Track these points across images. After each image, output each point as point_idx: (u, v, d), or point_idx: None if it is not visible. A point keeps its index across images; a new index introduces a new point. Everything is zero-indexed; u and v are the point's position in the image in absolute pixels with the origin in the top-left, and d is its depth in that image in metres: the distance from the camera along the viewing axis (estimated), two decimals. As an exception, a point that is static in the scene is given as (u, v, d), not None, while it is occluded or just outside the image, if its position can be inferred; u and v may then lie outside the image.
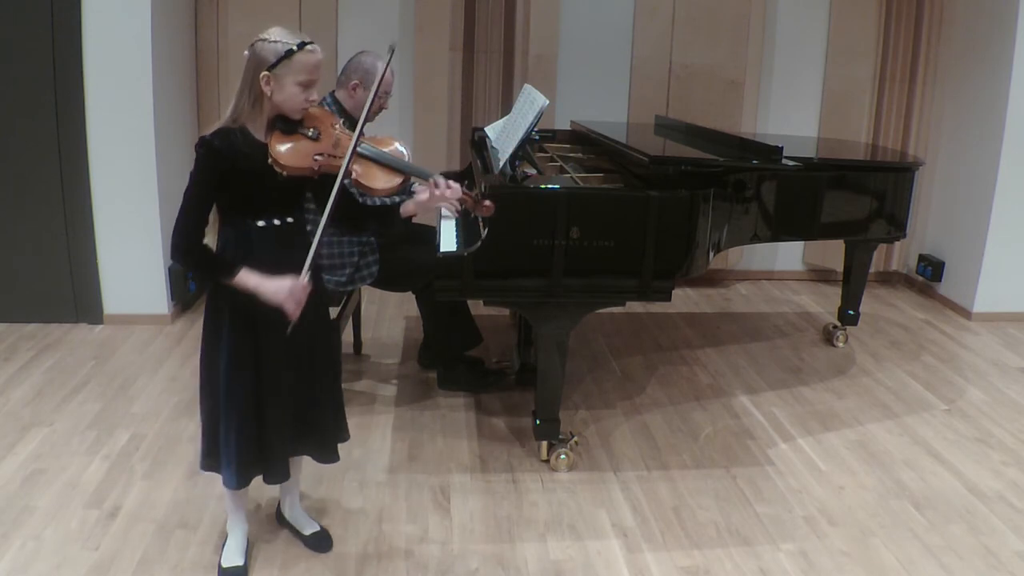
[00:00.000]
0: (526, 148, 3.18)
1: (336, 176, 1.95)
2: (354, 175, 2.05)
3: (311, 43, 1.94)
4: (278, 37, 1.92)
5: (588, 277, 2.57)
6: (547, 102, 2.86)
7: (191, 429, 2.90)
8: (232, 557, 2.16)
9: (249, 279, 1.91)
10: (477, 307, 3.13)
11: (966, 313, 4.50)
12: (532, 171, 3.10)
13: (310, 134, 1.99)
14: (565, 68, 4.70)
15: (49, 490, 2.51)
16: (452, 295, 2.57)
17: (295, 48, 1.90)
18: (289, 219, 2.02)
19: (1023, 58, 4.15)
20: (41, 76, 3.66)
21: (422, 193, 2.20)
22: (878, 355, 3.92)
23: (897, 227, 3.61)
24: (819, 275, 5.17)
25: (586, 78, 4.73)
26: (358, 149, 2.04)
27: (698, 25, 4.66)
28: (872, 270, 4.41)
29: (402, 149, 2.19)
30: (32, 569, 2.14)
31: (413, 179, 2.35)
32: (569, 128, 4.25)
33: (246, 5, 4.34)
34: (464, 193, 2.21)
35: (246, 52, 1.93)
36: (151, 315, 3.96)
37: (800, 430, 3.12)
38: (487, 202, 2.24)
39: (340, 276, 3.04)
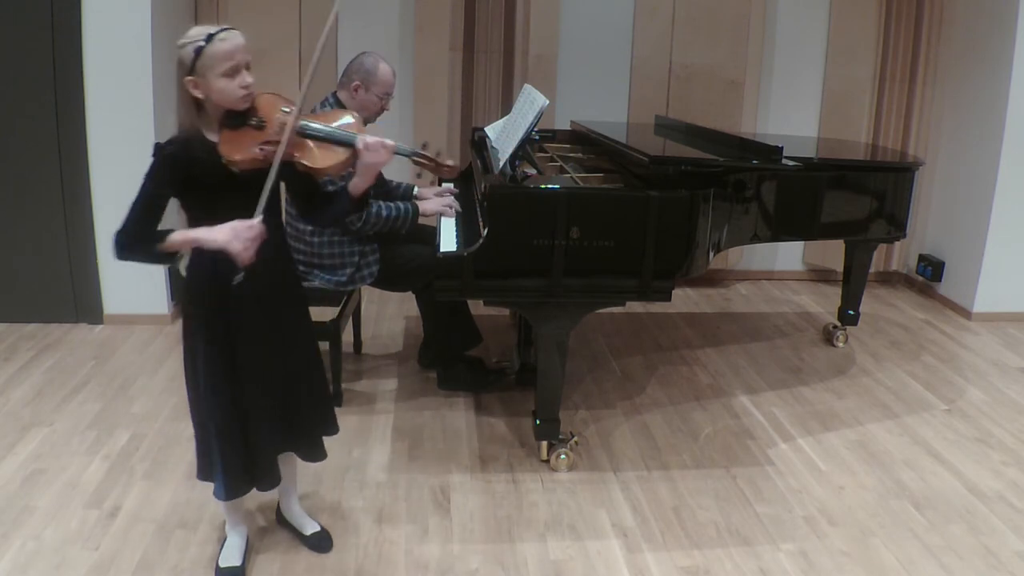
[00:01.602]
0: (526, 148, 3.18)
1: (283, 162, 1.87)
2: (296, 157, 1.94)
3: (223, 30, 1.86)
4: (188, 38, 1.85)
5: (588, 277, 2.57)
6: (547, 102, 2.86)
7: (191, 429, 2.88)
8: (230, 558, 2.16)
9: (188, 234, 1.84)
10: (477, 307, 3.13)
11: (966, 313, 4.50)
12: (532, 171, 3.10)
13: (254, 123, 1.91)
14: (565, 68, 4.70)
15: (49, 490, 2.51)
16: (452, 295, 2.57)
17: (203, 43, 1.83)
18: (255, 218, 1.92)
19: (1023, 58, 4.15)
20: (41, 76, 3.66)
21: (359, 160, 2.01)
22: (878, 355, 3.92)
23: (897, 227, 3.61)
24: (819, 275, 5.17)
25: (586, 78, 4.73)
26: (299, 128, 1.95)
27: (698, 25, 4.66)
28: (872, 270, 4.41)
29: (351, 120, 2.05)
30: (32, 569, 2.14)
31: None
32: (569, 128, 4.25)
33: (246, 5, 4.34)
34: (419, 155, 2.07)
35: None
36: (151, 315, 3.96)
37: (800, 430, 3.12)
38: (450, 162, 2.13)
39: (340, 276, 3.04)
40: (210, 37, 1.83)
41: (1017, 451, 3.00)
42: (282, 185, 2.02)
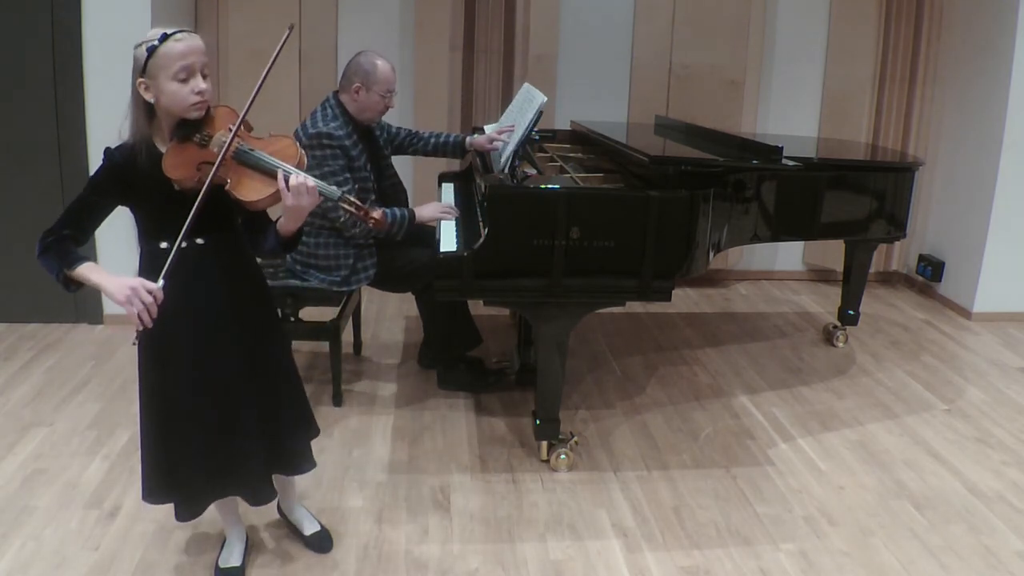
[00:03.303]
0: (526, 148, 3.19)
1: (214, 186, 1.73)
2: (228, 185, 1.77)
3: (178, 31, 1.76)
4: (142, 38, 1.75)
5: (588, 277, 2.57)
6: (546, 99, 2.86)
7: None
8: (230, 558, 2.16)
9: (91, 273, 1.71)
10: (477, 307, 3.13)
11: (966, 313, 4.50)
12: (532, 171, 3.10)
13: (198, 139, 1.77)
14: (565, 68, 4.70)
15: (49, 490, 2.51)
16: (452, 295, 2.57)
17: (156, 43, 1.74)
18: (199, 240, 1.84)
19: (1023, 58, 4.15)
20: (41, 76, 3.66)
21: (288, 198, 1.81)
22: (878, 355, 3.92)
23: (897, 227, 3.61)
24: (819, 275, 5.17)
25: (586, 78, 4.73)
26: (234, 153, 1.77)
27: (698, 25, 4.66)
28: (872, 270, 4.41)
29: (292, 151, 1.85)
30: (32, 569, 2.14)
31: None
32: (569, 128, 4.25)
33: (246, 5, 4.34)
34: (347, 201, 1.87)
35: None
36: (151, 315, 3.96)
37: (800, 430, 3.12)
38: (376, 214, 1.93)
39: (335, 276, 3.04)
40: (164, 37, 1.75)
41: (1017, 451, 3.00)
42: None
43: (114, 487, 2.54)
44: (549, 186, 2.70)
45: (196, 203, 1.72)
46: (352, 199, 1.89)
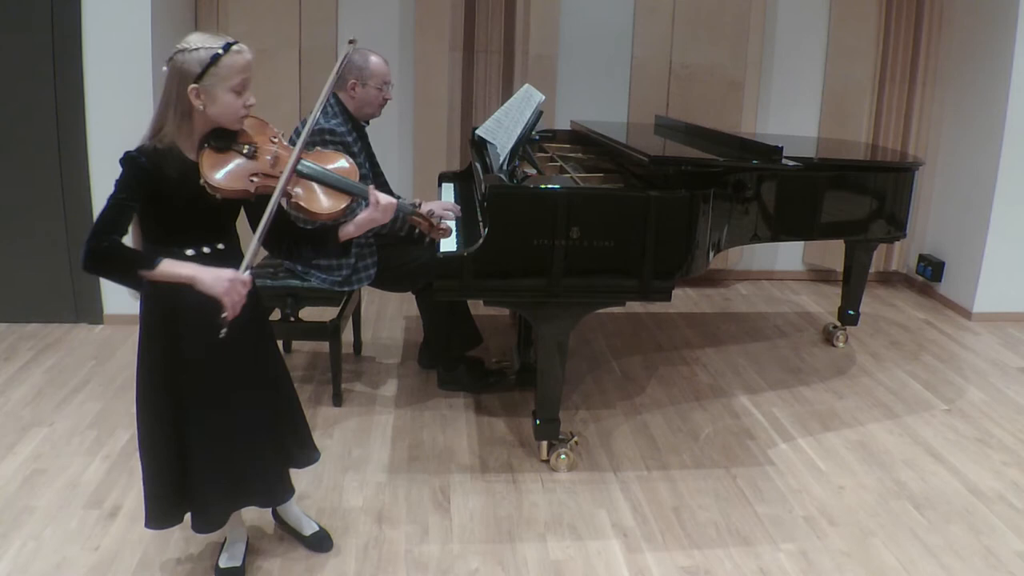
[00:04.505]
0: (526, 148, 3.18)
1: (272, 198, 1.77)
2: (294, 198, 1.83)
3: (236, 43, 1.76)
4: (199, 43, 1.73)
5: (588, 277, 2.57)
6: (543, 98, 2.86)
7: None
8: (230, 558, 2.15)
9: (180, 268, 1.73)
10: (477, 307, 3.13)
11: (966, 313, 4.50)
12: (532, 171, 3.10)
13: (245, 151, 1.79)
14: (565, 68, 4.70)
15: (49, 490, 2.51)
16: (452, 295, 2.57)
17: (220, 51, 1.72)
18: (220, 245, 1.87)
19: (1023, 58, 4.15)
20: (41, 76, 3.66)
21: (364, 212, 1.96)
22: (878, 355, 3.92)
23: (897, 227, 3.61)
24: (819, 275, 5.17)
25: (586, 78, 4.73)
26: (299, 168, 1.84)
27: (698, 25, 4.66)
28: (872, 270, 4.41)
29: (347, 164, 1.96)
30: (32, 569, 2.14)
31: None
32: (569, 128, 4.25)
33: (246, 5, 4.34)
34: (418, 215, 2.04)
35: (165, 67, 1.76)
36: (151, 315, 3.96)
37: (800, 430, 3.12)
38: (444, 225, 2.06)
39: (336, 276, 3.04)
40: (227, 46, 1.73)
41: (1017, 451, 3.00)
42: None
43: (114, 487, 2.54)
44: (549, 186, 2.70)
45: (267, 212, 1.75)
46: (422, 212, 2.04)
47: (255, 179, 1.79)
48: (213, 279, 1.72)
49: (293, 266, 3.08)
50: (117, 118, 3.72)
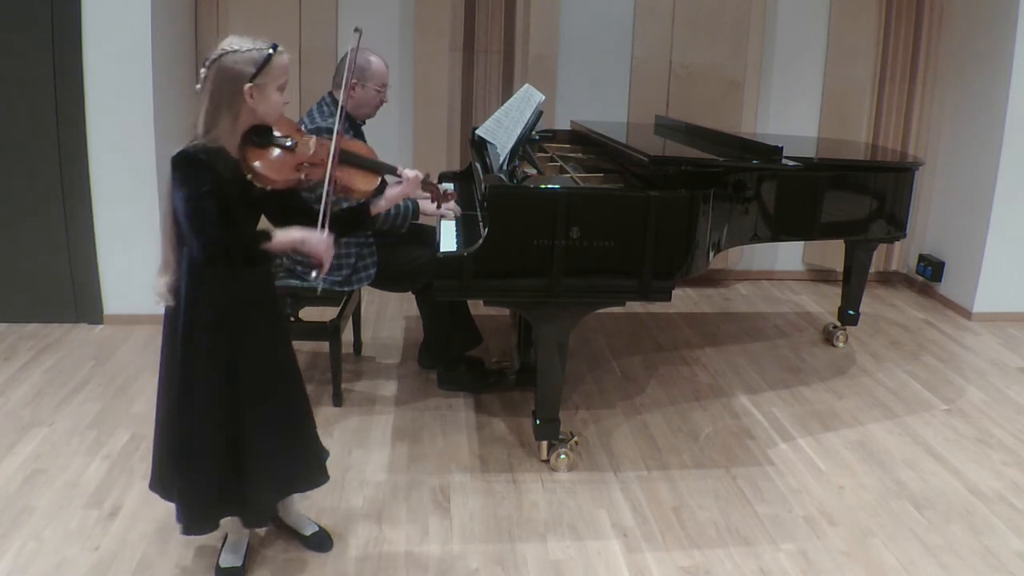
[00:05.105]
0: (526, 148, 3.18)
1: (321, 184, 1.92)
2: (340, 180, 2.00)
3: (277, 44, 1.87)
4: (246, 45, 1.81)
5: (588, 277, 2.57)
6: (543, 98, 2.86)
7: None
8: (230, 558, 2.15)
9: (288, 233, 1.89)
10: (477, 307, 3.13)
11: (966, 313, 4.50)
12: (532, 171, 3.10)
13: (288, 144, 1.92)
14: (565, 68, 4.70)
15: (49, 490, 2.51)
16: (452, 295, 2.57)
17: (271, 52, 1.82)
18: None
19: (1023, 58, 4.15)
20: (41, 76, 3.66)
21: (394, 187, 2.21)
22: (878, 355, 3.92)
23: (897, 227, 3.61)
24: (819, 275, 5.17)
25: (586, 78, 4.73)
26: (340, 155, 1.99)
27: (698, 25, 4.66)
28: (872, 270, 4.41)
29: (369, 147, 2.22)
30: (32, 569, 2.14)
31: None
32: (569, 128, 4.25)
33: (246, 5, 4.34)
34: (429, 185, 2.33)
35: (203, 70, 1.81)
36: (151, 315, 3.95)
37: (800, 430, 3.12)
38: (447, 186, 2.40)
39: (336, 276, 3.04)
40: (274, 47, 1.84)
41: (1017, 451, 3.00)
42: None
43: (114, 487, 2.54)
44: (549, 186, 2.70)
45: (324, 197, 1.90)
46: (432, 182, 2.33)
47: (302, 169, 1.93)
48: (316, 238, 1.89)
49: (293, 266, 3.08)
50: (117, 118, 3.72)
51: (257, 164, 1.85)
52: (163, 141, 3.81)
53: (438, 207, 2.60)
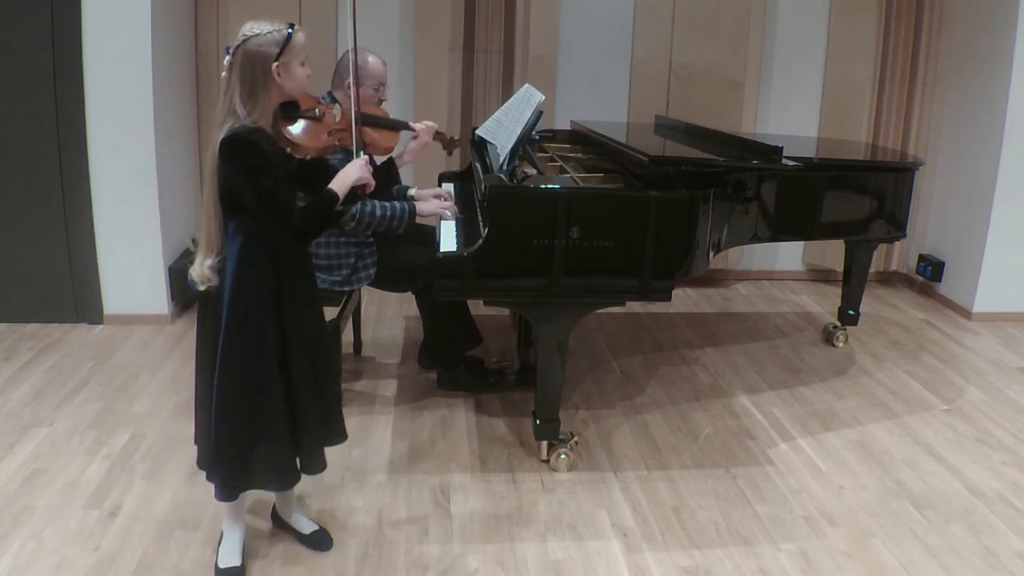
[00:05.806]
0: (526, 148, 3.18)
1: (352, 148, 2.14)
2: (367, 138, 2.33)
3: (293, 23, 1.99)
4: (269, 27, 1.92)
5: (588, 277, 2.57)
6: (543, 98, 2.86)
7: (191, 429, 2.88)
8: (229, 557, 2.15)
9: (342, 178, 2.03)
10: (477, 307, 3.13)
11: (966, 313, 4.50)
12: (532, 171, 3.10)
13: (316, 114, 2.09)
14: (565, 68, 4.70)
15: (49, 490, 2.51)
16: (452, 295, 2.57)
17: (290, 31, 1.93)
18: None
19: (1023, 58, 4.15)
20: (41, 76, 3.66)
21: (411, 141, 2.75)
22: (878, 355, 3.92)
23: (897, 227, 3.61)
24: (819, 275, 5.17)
25: (586, 78, 4.73)
26: (362, 117, 2.27)
27: (698, 25, 4.66)
28: (872, 270, 4.41)
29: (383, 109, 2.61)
30: (32, 569, 2.14)
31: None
32: (569, 128, 4.25)
33: (246, 5, 4.33)
34: (439, 134, 2.89)
35: (228, 59, 1.91)
36: (151, 315, 3.96)
37: (800, 430, 3.12)
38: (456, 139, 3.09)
39: (336, 276, 3.04)
40: (292, 26, 1.95)
41: (1017, 451, 3.00)
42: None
43: (114, 487, 2.54)
44: (549, 186, 2.70)
45: (355, 145, 2.15)
46: (442, 131, 3.05)
47: (333, 134, 2.15)
48: (356, 164, 2.08)
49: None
50: (117, 118, 3.72)
51: (291, 135, 2.00)
52: (163, 141, 3.82)
53: (449, 154, 3.01)
